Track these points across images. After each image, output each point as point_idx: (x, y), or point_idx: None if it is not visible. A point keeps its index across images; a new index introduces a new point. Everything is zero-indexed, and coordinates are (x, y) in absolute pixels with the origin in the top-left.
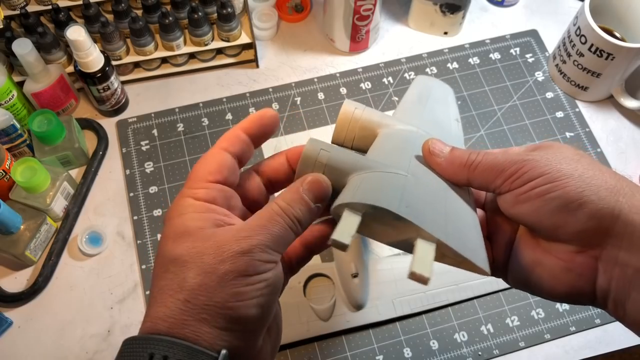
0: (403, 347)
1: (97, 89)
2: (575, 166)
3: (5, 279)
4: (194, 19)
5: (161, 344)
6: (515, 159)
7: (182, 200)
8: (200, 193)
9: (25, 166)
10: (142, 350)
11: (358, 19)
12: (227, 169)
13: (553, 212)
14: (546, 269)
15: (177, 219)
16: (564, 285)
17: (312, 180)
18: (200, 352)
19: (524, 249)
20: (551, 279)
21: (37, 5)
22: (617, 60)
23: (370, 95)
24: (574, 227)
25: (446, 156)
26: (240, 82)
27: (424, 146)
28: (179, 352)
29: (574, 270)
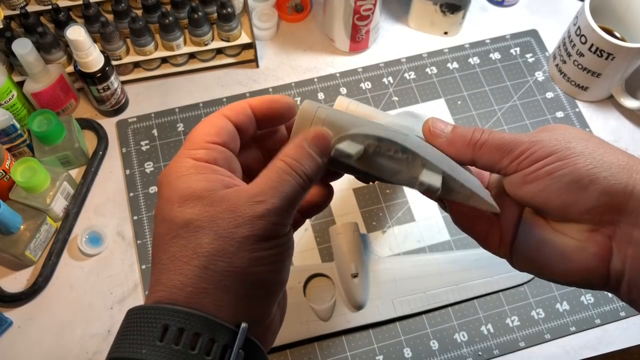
0: (403, 347)
1: (97, 89)
2: (586, 144)
3: (5, 279)
4: (194, 19)
5: (177, 315)
6: (523, 139)
7: (182, 160)
8: (200, 153)
9: (25, 166)
10: (154, 320)
11: (358, 18)
12: (227, 133)
13: (562, 190)
14: (557, 248)
15: (179, 181)
16: (577, 265)
17: (315, 134)
18: (220, 325)
19: (532, 228)
20: (562, 259)
21: (37, 5)
22: (617, 60)
23: (370, 95)
24: (585, 204)
25: (448, 135)
26: (240, 82)
27: (425, 126)
28: (197, 325)
29: (588, 249)
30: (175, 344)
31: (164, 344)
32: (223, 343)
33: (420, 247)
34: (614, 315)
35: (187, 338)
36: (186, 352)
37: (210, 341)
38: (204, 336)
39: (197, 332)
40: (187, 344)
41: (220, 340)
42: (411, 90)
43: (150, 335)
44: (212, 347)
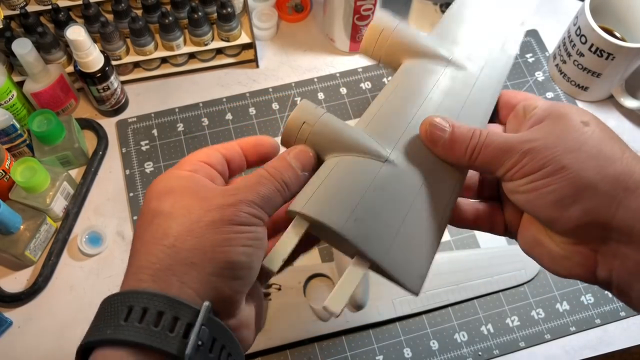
0: (403, 347)
1: (96, 89)
2: (576, 156)
3: (5, 279)
4: (194, 19)
5: (141, 296)
6: (515, 149)
7: (167, 172)
8: (186, 167)
9: (25, 166)
10: (120, 304)
11: (358, 18)
12: (215, 158)
13: (547, 206)
14: (546, 251)
15: (160, 183)
16: (563, 269)
17: (298, 150)
18: (182, 304)
19: (529, 225)
20: (551, 261)
21: (36, 5)
22: (617, 60)
23: (370, 95)
24: (568, 222)
25: (446, 141)
26: (240, 82)
27: (421, 129)
28: (159, 304)
29: (572, 259)
30: (138, 323)
31: (128, 323)
32: (187, 321)
33: None
34: (614, 315)
35: (151, 317)
36: (149, 329)
37: (174, 319)
38: (167, 314)
39: (160, 310)
40: (150, 322)
41: (183, 319)
42: None
43: (115, 318)
44: (175, 325)
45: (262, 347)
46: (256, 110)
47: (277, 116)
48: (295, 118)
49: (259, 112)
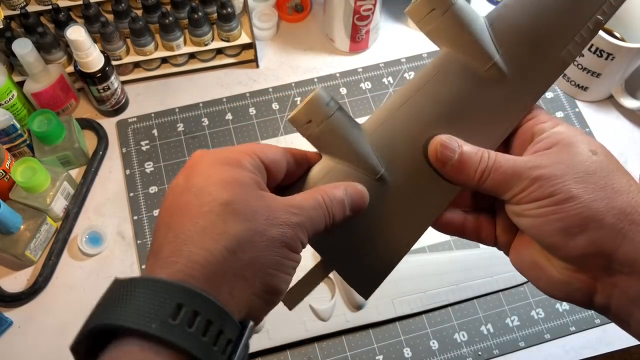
0: (403, 347)
1: (97, 89)
2: (585, 187)
3: (5, 279)
4: (194, 19)
5: (193, 296)
6: (525, 173)
7: (225, 151)
8: (244, 157)
9: (25, 166)
10: (168, 296)
11: (358, 18)
12: (276, 164)
13: (553, 234)
14: (544, 274)
15: (220, 165)
16: (561, 293)
17: (357, 192)
18: (230, 318)
19: (526, 246)
20: (548, 284)
21: (37, 5)
22: (616, 60)
23: (370, 95)
24: (573, 251)
25: (454, 163)
26: (240, 82)
27: (431, 148)
28: (210, 312)
29: (572, 284)
30: (189, 327)
31: (177, 323)
32: (229, 337)
33: (420, 247)
34: None
35: (200, 323)
36: (198, 338)
37: (219, 332)
38: (215, 325)
39: (209, 319)
40: (200, 329)
41: (227, 333)
42: None
43: (162, 311)
44: (218, 338)
45: (262, 347)
46: (256, 110)
47: (277, 116)
48: (302, 113)
49: (259, 112)
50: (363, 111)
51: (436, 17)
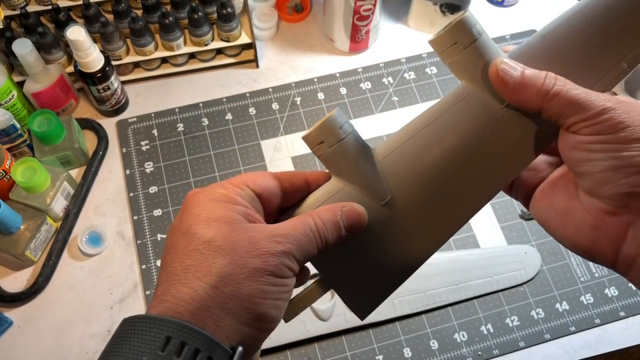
0: (403, 347)
1: (97, 89)
2: None
3: (6, 279)
4: (194, 19)
5: (180, 329)
6: (598, 102)
7: (217, 187)
8: (234, 190)
9: (26, 166)
10: (157, 330)
11: (358, 19)
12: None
13: (607, 169)
14: (574, 220)
15: (210, 204)
16: (586, 240)
17: (351, 210)
18: (219, 346)
19: (560, 192)
20: (575, 230)
21: (37, 5)
22: None
23: (370, 95)
24: (621, 188)
25: (516, 80)
26: (240, 82)
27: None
28: (198, 341)
29: (600, 229)
30: (176, 356)
31: (165, 354)
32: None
33: None
34: (613, 315)
35: (188, 352)
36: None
37: (207, 358)
38: (203, 353)
39: (197, 347)
40: (188, 357)
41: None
42: (411, 90)
43: (152, 344)
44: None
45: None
46: (256, 110)
47: (277, 116)
48: (315, 134)
49: (259, 112)
50: (363, 111)
51: (458, 51)
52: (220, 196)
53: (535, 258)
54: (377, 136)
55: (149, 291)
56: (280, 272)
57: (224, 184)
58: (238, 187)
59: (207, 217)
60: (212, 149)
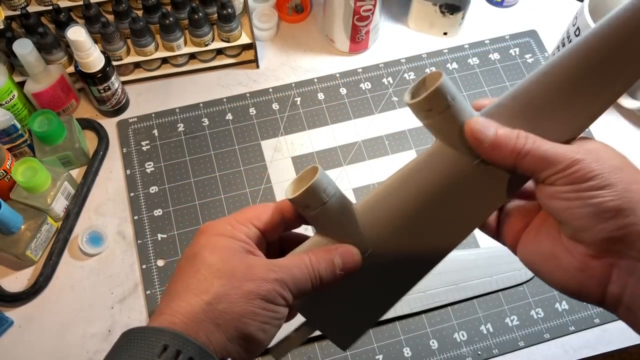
0: (403, 346)
1: (97, 89)
2: (620, 177)
3: (6, 279)
4: (194, 20)
5: (176, 338)
6: (567, 155)
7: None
8: (240, 228)
9: (26, 166)
10: (155, 340)
11: (358, 19)
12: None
13: (584, 215)
14: (560, 263)
15: (217, 237)
16: (574, 282)
17: (347, 251)
18: (210, 356)
19: (544, 238)
20: (563, 274)
21: (37, 5)
22: None
23: (370, 96)
24: (600, 233)
25: (490, 141)
26: (240, 82)
27: (467, 129)
28: (191, 350)
29: (586, 272)
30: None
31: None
32: None
33: None
34: (613, 315)
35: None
36: None
37: None
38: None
39: (191, 356)
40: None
41: None
42: None
43: (150, 352)
44: None
45: None
46: (256, 111)
47: (277, 116)
48: (300, 199)
49: (259, 112)
50: (363, 111)
51: (433, 116)
52: (226, 231)
53: None
54: (377, 136)
55: (149, 291)
56: (272, 298)
57: (231, 221)
58: (244, 225)
59: (212, 246)
60: (212, 149)
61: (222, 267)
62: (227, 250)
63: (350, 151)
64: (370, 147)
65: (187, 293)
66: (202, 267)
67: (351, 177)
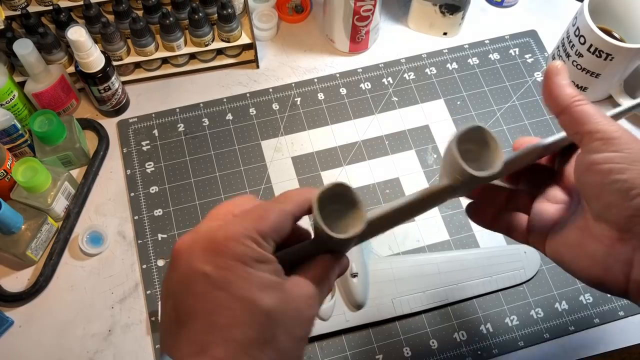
0: (403, 346)
1: (97, 89)
2: None
3: (6, 279)
4: (195, 20)
5: None
6: (610, 123)
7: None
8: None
9: (26, 166)
10: None
11: (358, 19)
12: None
13: (613, 192)
14: (586, 250)
15: (255, 268)
16: (599, 268)
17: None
18: None
19: (572, 228)
20: (589, 260)
21: (38, 5)
22: (616, 61)
23: (370, 96)
24: (625, 211)
25: (561, 83)
26: (240, 82)
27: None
28: None
29: (611, 256)
30: None
31: None
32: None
33: (419, 246)
34: (612, 315)
35: None
36: None
37: None
38: None
39: None
40: None
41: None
42: (411, 90)
43: None
44: None
45: None
46: (256, 111)
47: (278, 116)
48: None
49: (259, 113)
50: (363, 111)
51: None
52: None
53: (534, 258)
54: (377, 136)
55: (150, 291)
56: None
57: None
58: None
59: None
60: (212, 149)
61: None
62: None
63: (350, 151)
64: (370, 147)
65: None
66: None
67: (351, 177)
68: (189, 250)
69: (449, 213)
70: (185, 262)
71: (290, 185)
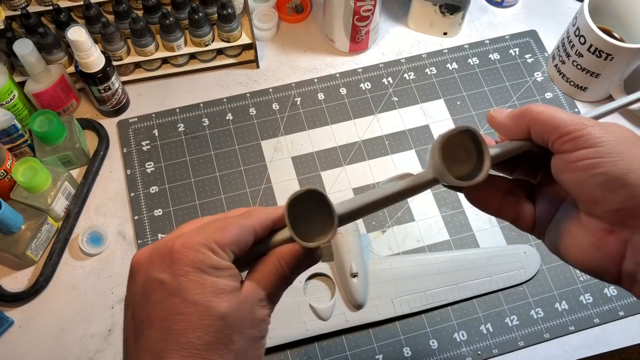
0: (403, 346)
1: (98, 89)
2: (629, 147)
3: (7, 279)
4: (195, 20)
5: None
6: (575, 120)
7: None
8: (225, 256)
9: (27, 166)
10: None
11: (358, 19)
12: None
13: (594, 187)
14: (577, 241)
15: (210, 275)
16: (590, 259)
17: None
18: None
19: (565, 218)
20: (579, 252)
21: (38, 5)
22: (616, 61)
23: (370, 96)
24: (611, 205)
25: (506, 115)
26: (240, 82)
27: (488, 116)
28: None
29: (602, 248)
30: None
31: None
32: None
33: (419, 246)
34: (612, 315)
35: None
36: None
37: None
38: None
39: None
40: None
41: None
42: (411, 90)
43: None
44: None
45: None
46: (256, 111)
47: (277, 116)
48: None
49: (259, 112)
50: (363, 111)
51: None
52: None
53: (534, 258)
54: (377, 136)
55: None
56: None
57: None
58: (225, 253)
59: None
60: (212, 149)
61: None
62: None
63: (350, 151)
64: (370, 147)
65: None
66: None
67: (351, 177)
68: (147, 260)
69: (449, 213)
70: (144, 272)
71: (291, 185)
